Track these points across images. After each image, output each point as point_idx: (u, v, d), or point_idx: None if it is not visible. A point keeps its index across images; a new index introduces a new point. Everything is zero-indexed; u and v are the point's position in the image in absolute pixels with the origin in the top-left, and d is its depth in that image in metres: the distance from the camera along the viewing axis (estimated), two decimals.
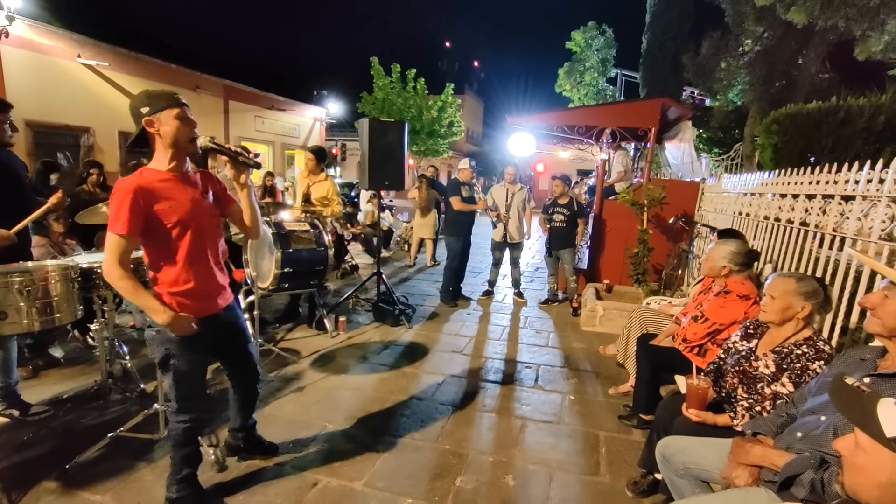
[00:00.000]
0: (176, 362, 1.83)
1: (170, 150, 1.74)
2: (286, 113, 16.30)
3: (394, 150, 4.57)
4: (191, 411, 1.93)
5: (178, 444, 1.96)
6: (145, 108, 1.68)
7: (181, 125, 1.72)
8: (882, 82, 7.24)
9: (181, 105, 1.73)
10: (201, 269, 1.86)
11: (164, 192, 1.72)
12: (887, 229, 2.11)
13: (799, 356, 1.80)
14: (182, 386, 1.88)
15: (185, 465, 1.99)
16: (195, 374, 1.92)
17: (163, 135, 1.71)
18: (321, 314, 4.35)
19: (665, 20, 14.96)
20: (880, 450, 0.79)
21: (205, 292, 1.89)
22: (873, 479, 0.81)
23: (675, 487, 1.86)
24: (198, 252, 1.83)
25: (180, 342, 1.80)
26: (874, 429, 0.80)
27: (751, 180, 3.92)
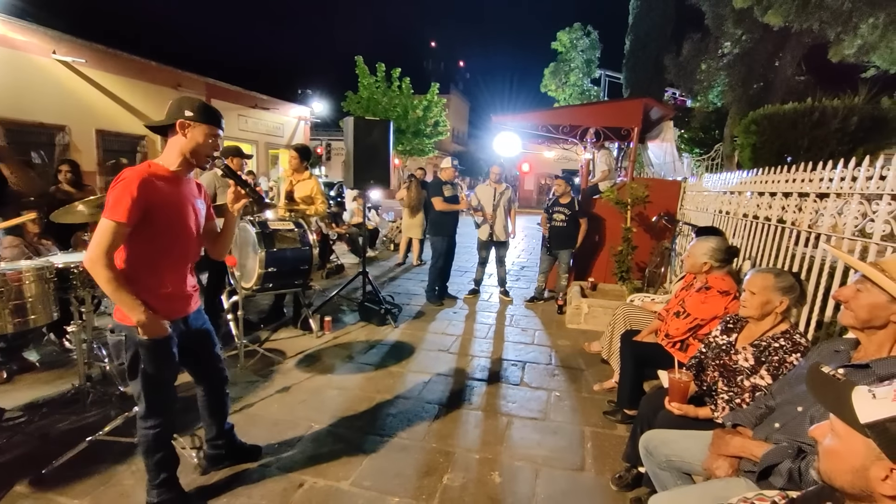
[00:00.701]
0: (145, 366, 1.79)
1: (184, 155, 1.79)
2: (270, 112, 16.12)
3: (379, 148, 4.55)
4: (160, 416, 1.89)
5: (149, 451, 1.92)
6: (191, 112, 1.75)
7: (207, 143, 1.80)
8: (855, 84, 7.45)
9: (218, 128, 1.83)
10: (178, 271, 1.87)
11: (165, 189, 1.74)
12: (860, 225, 2.17)
13: (776, 349, 1.85)
14: (151, 390, 1.84)
15: (161, 470, 1.95)
16: (164, 378, 1.88)
17: (188, 140, 1.77)
18: (306, 314, 4.31)
19: (647, 22, 15.21)
20: (854, 435, 0.82)
21: (180, 293, 1.90)
22: (847, 464, 0.83)
23: (659, 480, 1.89)
24: (183, 254, 1.86)
25: (149, 346, 1.76)
26: (848, 415, 0.82)
27: (730, 179, 4.00)
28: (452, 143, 33.87)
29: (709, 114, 13.29)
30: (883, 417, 0.78)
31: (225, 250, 2.11)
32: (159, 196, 1.70)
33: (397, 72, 17.28)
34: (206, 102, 1.83)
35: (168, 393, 1.93)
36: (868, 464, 0.79)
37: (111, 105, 10.60)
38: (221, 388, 2.24)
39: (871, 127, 5.43)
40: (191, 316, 1.97)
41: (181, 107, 1.76)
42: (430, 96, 18.09)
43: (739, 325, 2.09)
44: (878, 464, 0.78)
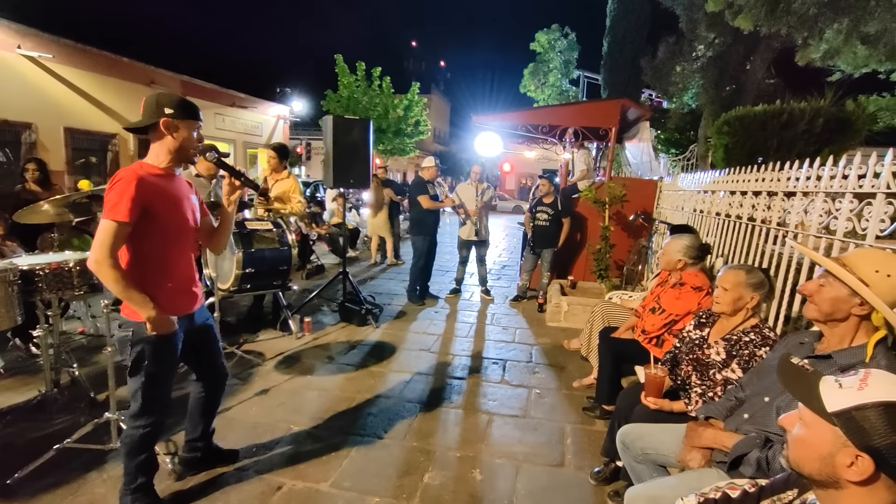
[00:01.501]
0: (148, 364, 1.79)
1: (172, 153, 1.80)
2: (248, 111, 15.82)
3: (358, 148, 4.52)
4: (153, 415, 1.87)
5: (132, 452, 1.88)
6: (170, 109, 1.73)
7: (192, 138, 1.81)
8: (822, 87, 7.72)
9: (199, 120, 1.84)
10: (184, 266, 1.90)
11: (160, 186, 1.76)
12: (824, 223, 2.26)
13: (747, 343, 1.91)
14: (150, 388, 1.83)
15: (139, 474, 1.91)
16: (165, 375, 1.89)
17: (175, 137, 1.77)
18: (286, 315, 4.25)
19: (624, 25, 15.47)
20: (822, 424, 0.84)
21: (185, 289, 1.91)
22: (815, 451, 0.86)
23: (635, 473, 1.93)
24: (183, 249, 1.88)
25: (156, 342, 1.77)
26: (816, 404, 0.85)
27: (704, 179, 4.10)
28: (434, 142, 33.85)
29: (684, 115, 13.59)
30: (849, 406, 0.81)
31: (223, 244, 2.13)
32: (156, 193, 1.72)
33: (377, 71, 17.15)
34: (181, 96, 1.82)
35: (165, 391, 1.93)
36: (835, 451, 0.82)
37: (80, 102, 10.24)
38: (221, 385, 2.24)
39: (836, 128, 5.63)
40: (196, 312, 1.98)
41: (159, 104, 1.73)
42: (410, 96, 18.01)
43: (712, 320, 2.15)
44: (844, 451, 0.80)
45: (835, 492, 0.85)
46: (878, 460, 0.78)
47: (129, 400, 1.86)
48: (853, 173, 2.06)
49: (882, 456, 0.77)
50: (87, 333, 3.91)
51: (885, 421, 0.77)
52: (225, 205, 2.02)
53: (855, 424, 0.80)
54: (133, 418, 1.85)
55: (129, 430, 1.87)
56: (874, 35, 5.31)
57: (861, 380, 0.83)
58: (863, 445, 0.79)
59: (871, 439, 0.78)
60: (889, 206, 1.85)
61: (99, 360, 3.45)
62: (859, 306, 1.36)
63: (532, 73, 19.24)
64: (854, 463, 0.80)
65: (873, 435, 0.78)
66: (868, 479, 0.79)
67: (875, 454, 0.78)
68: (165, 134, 1.76)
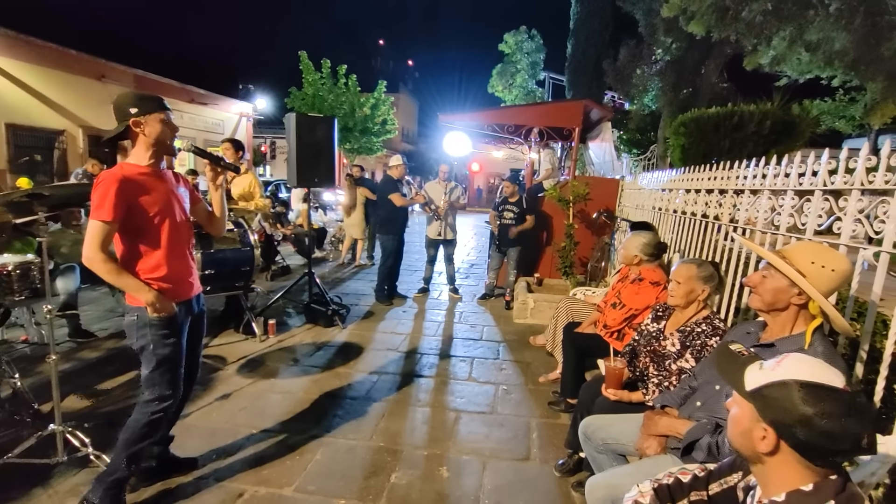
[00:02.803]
0: (155, 347, 1.86)
1: (151, 148, 1.87)
2: (208, 107, 15.31)
3: (323, 146, 4.44)
4: (165, 400, 1.91)
5: (133, 437, 1.89)
6: (134, 108, 1.80)
7: (165, 128, 1.87)
8: (770, 92, 8.15)
9: (166, 110, 1.89)
10: (178, 255, 1.96)
11: (144, 184, 1.83)
12: (769, 218, 2.38)
13: (699, 334, 1.99)
14: (161, 371, 1.89)
15: (127, 465, 1.90)
16: (174, 359, 1.93)
17: (147, 134, 1.84)
18: (249, 317, 4.13)
19: (588, 28, 15.87)
20: (744, 402, 0.93)
21: (181, 276, 1.98)
22: (739, 427, 0.94)
23: (596, 463, 1.98)
24: (175, 240, 1.93)
25: (159, 325, 1.85)
26: (739, 385, 0.93)
27: (662, 178, 4.26)
28: (402, 141, 33.67)
29: (644, 116, 14.08)
30: (761, 384, 0.89)
31: (222, 226, 2.24)
32: (140, 190, 1.80)
33: (343, 69, 16.90)
34: (139, 92, 1.94)
35: (177, 373, 1.96)
36: (751, 426, 0.90)
37: (23, 97, 9.62)
38: (191, 383, 2.20)
39: (783, 130, 5.96)
40: (193, 298, 2.05)
41: (125, 109, 1.81)
42: (377, 94, 17.86)
43: (667, 313, 2.23)
44: (757, 426, 0.89)
45: (761, 466, 0.93)
46: (780, 432, 0.86)
47: (142, 384, 1.92)
48: (794, 172, 2.19)
49: (784, 428, 0.85)
50: (30, 342, 3.68)
51: (785, 396, 0.84)
52: (212, 189, 2.13)
53: (764, 401, 0.87)
54: (145, 404, 1.91)
55: (138, 414, 1.91)
56: (815, 43, 5.66)
57: (777, 362, 0.91)
58: (768, 419, 0.87)
59: (775, 413, 0.85)
60: (825, 203, 1.97)
61: (43, 369, 3.25)
62: (798, 296, 1.44)
63: (500, 73, 19.47)
64: (765, 436, 0.87)
65: (777, 409, 0.85)
66: (774, 450, 0.87)
67: (778, 427, 0.85)
68: (138, 133, 1.83)
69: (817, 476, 0.86)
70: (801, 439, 0.83)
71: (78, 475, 2.18)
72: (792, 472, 0.88)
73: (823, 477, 0.86)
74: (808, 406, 0.82)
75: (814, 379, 0.84)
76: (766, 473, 0.92)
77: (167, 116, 1.87)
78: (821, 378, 0.84)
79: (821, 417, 0.81)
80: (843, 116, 13.58)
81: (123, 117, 1.81)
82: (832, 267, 1.40)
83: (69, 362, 3.42)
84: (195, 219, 2.17)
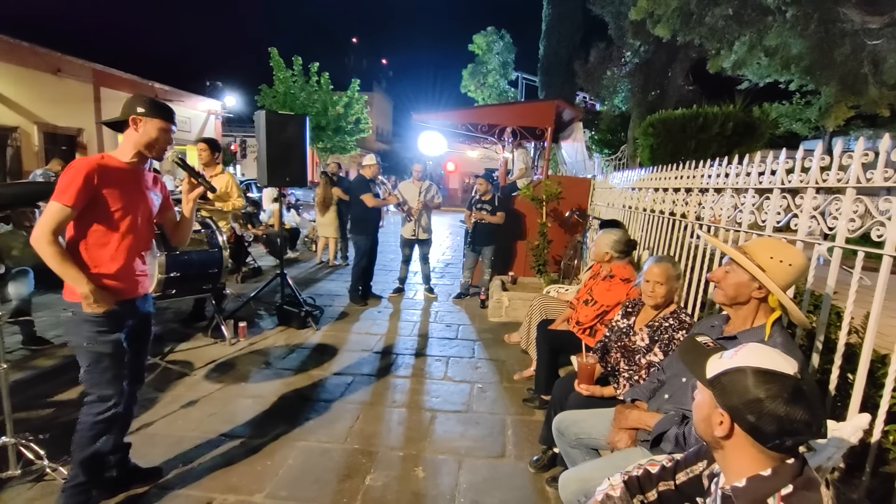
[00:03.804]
0: (89, 343, 1.82)
1: (138, 148, 1.89)
2: (174, 104, 14.75)
3: (294, 145, 4.36)
4: (106, 400, 1.87)
5: (80, 442, 1.85)
6: (141, 109, 1.86)
7: (161, 137, 1.90)
8: (733, 95, 8.46)
9: (170, 122, 1.93)
10: (132, 254, 1.93)
11: (118, 177, 1.84)
12: (732, 216, 2.47)
13: (667, 328, 2.04)
14: (99, 369, 1.85)
15: (81, 472, 1.85)
16: (112, 356, 1.87)
17: (140, 134, 1.87)
18: (218, 320, 4.01)
19: (559, 30, 16.10)
20: (705, 390, 0.97)
21: (130, 275, 1.95)
22: (701, 414, 0.98)
23: (570, 458, 2.01)
24: (132, 239, 1.91)
25: (96, 321, 1.81)
26: (702, 374, 0.97)
27: (632, 177, 4.36)
28: (376, 141, 33.43)
29: (615, 117, 14.38)
30: (718, 372, 0.93)
31: (185, 238, 2.24)
32: (111, 183, 1.80)
33: (315, 66, 16.66)
34: (156, 99, 1.95)
35: (117, 373, 1.90)
36: (710, 412, 0.94)
37: None
38: (136, 390, 2.12)
39: (744, 132, 6.19)
40: (139, 299, 2.02)
41: (133, 104, 1.87)
42: (350, 93, 17.67)
43: (637, 309, 2.28)
44: (716, 411, 0.93)
45: (722, 453, 0.97)
46: (734, 416, 0.89)
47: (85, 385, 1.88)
48: (754, 171, 2.27)
49: (736, 412, 0.89)
50: None
51: (740, 381, 0.89)
52: (184, 201, 2.12)
53: (722, 387, 0.91)
54: (88, 406, 1.88)
55: (83, 416, 1.88)
56: (773, 48, 5.91)
57: (735, 351, 0.95)
58: (725, 405, 0.90)
59: (730, 399, 0.89)
60: (783, 200, 2.05)
61: None
62: (758, 290, 1.50)
63: (471, 73, 19.58)
64: (723, 421, 0.91)
65: (731, 394, 0.89)
66: (729, 435, 0.91)
67: (732, 411, 0.89)
68: (131, 128, 1.87)
69: (775, 461, 0.90)
70: (751, 423, 0.87)
71: (33, 489, 2.07)
72: (749, 457, 0.91)
73: (781, 462, 0.90)
74: (758, 390, 0.86)
75: (767, 366, 0.88)
76: (727, 459, 0.96)
77: (168, 127, 1.92)
78: (773, 365, 0.88)
79: (769, 401, 0.85)
80: (800, 119, 14.22)
81: (128, 112, 1.86)
82: (789, 261, 1.46)
83: (23, 371, 3.25)
84: (162, 225, 2.19)
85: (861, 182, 1.68)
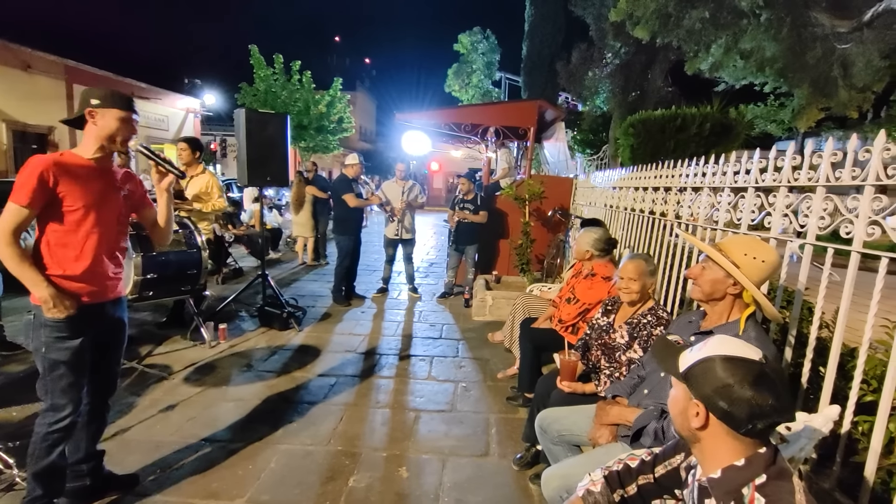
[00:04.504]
0: (48, 350, 1.75)
1: (100, 142, 1.80)
2: (151, 102, 14.50)
3: (275, 144, 4.30)
4: (59, 409, 1.77)
5: (34, 454, 1.77)
6: (96, 100, 1.77)
7: (122, 126, 1.81)
8: (710, 96, 8.64)
9: (130, 111, 1.83)
10: (100, 255, 1.84)
11: (78, 175, 1.75)
12: (709, 214, 2.52)
13: (645, 324, 2.08)
14: (54, 376, 1.77)
15: (37, 485, 1.77)
16: (70, 364, 1.78)
17: (99, 127, 1.79)
18: (197, 322, 3.93)
19: (542, 30, 16.24)
20: (679, 384, 0.99)
21: (99, 278, 1.86)
22: (678, 407, 1.00)
23: (552, 455, 2.02)
24: (100, 239, 1.83)
25: (55, 326, 1.73)
26: (675, 369, 1.00)
27: (613, 176, 4.42)
28: (360, 140, 33.20)
29: (596, 117, 14.57)
30: (689, 364, 0.96)
31: (167, 235, 2.13)
32: (70, 181, 1.72)
33: (297, 64, 16.45)
34: (113, 89, 1.85)
35: (72, 384, 1.80)
36: (686, 405, 0.97)
37: None
38: (107, 397, 2.05)
39: (721, 132, 6.33)
40: (107, 304, 1.92)
41: (87, 97, 1.79)
42: (333, 92, 17.50)
43: (616, 307, 2.31)
44: (691, 403, 0.95)
45: (698, 445, 0.99)
46: (707, 405, 0.92)
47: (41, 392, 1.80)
48: (730, 171, 2.33)
49: (709, 400, 0.91)
50: None
51: (710, 370, 0.92)
52: (158, 194, 2.02)
53: (694, 378, 0.94)
54: (44, 414, 1.79)
55: (37, 426, 1.79)
56: (748, 51, 6.06)
57: (703, 344, 0.98)
58: (698, 395, 0.93)
59: (703, 388, 0.92)
60: (757, 199, 2.10)
61: None
62: (733, 286, 1.53)
63: (456, 73, 19.60)
64: (698, 412, 0.94)
65: (703, 384, 0.92)
66: (705, 425, 0.94)
67: (706, 400, 0.92)
68: (89, 122, 1.79)
69: (748, 451, 0.93)
70: (724, 409, 0.90)
71: (2, 500, 2.00)
72: (724, 446, 0.94)
73: (754, 452, 0.92)
74: (727, 376, 0.90)
75: (732, 353, 0.92)
76: (703, 451, 0.98)
77: (129, 117, 1.83)
78: (738, 352, 0.92)
79: (738, 386, 0.88)
80: (774, 120, 14.60)
81: (83, 106, 1.78)
82: (762, 258, 1.50)
83: None
84: (143, 223, 2.11)
85: (830, 181, 1.73)
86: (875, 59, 5.74)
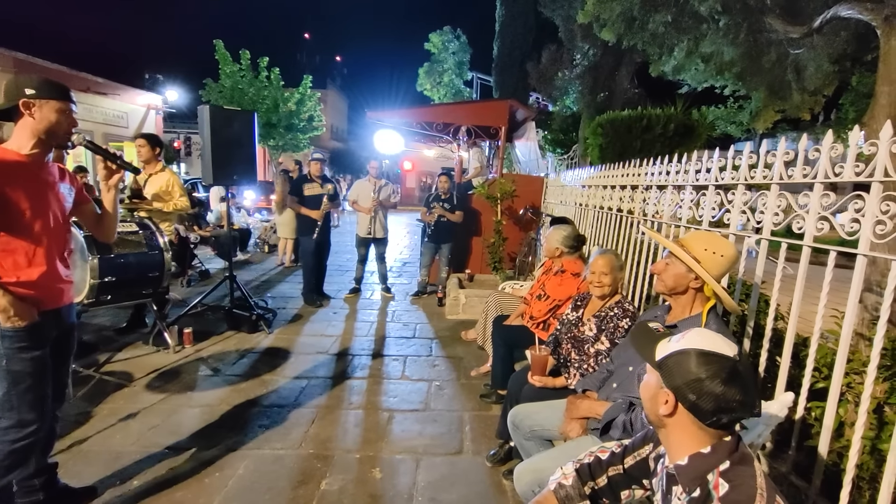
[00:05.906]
0: (9, 361, 1.62)
1: (37, 136, 1.67)
2: (109, 98, 13.85)
3: (241, 141, 4.18)
4: (27, 425, 1.65)
5: None
6: (31, 90, 1.63)
7: (61, 119, 1.69)
8: (674, 98, 8.93)
9: (69, 101, 1.71)
10: (50, 258, 1.74)
11: (17, 173, 1.63)
12: (673, 211, 2.60)
13: (612, 317, 2.13)
14: (19, 391, 1.64)
15: None
16: (34, 375, 1.67)
17: (37, 120, 1.65)
18: (160, 327, 3.78)
19: (512, 31, 16.40)
20: (653, 372, 1.02)
21: (51, 282, 1.75)
22: (648, 393, 1.04)
23: (525, 450, 2.04)
24: (47, 241, 1.73)
25: (15, 336, 1.62)
26: (651, 357, 1.02)
27: (582, 175, 4.50)
28: (331, 139, 32.71)
29: (566, 117, 14.82)
30: (665, 354, 0.99)
31: (112, 232, 2.04)
32: (11, 181, 1.60)
33: (265, 61, 16.07)
34: (47, 77, 1.70)
35: (37, 396, 1.69)
36: (657, 392, 1.00)
37: None
38: (58, 408, 1.94)
39: (684, 133, 6.56)
40: (63, 309, 1.84)
41: (19, 87, 1.63)
42: (302, 89, 17.19)
43: (585, 302, 2.36)
44: (661, 391, 0.98)
45: (665, 432, 1.02)
46: (677, 395, 0.95)
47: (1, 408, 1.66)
48: (692, 169, 2.41)
49: (679, 391, 0.94)
50: None
51: (684, 362, 0.95)
52: (105, 190, 1.92)
53: (667, 369, 0.97)
54: (3, 431, 1.65)
55: None
56: (709, 55, 6.29)
57: (682, 335, 1.00)
58: (670, 385, 0.96)
59: (675, 379, 0.95)
60: (717, 197, 2.18)
61: None
62: (695, 280, 1.59)
63: (427, 72, 19.59)
64: (668, 400, 0.97)
65: (676, 375, 0.95)
66: (672, 413, 0.97)
67: (676, 391, 0.95)
68: (25, 115, 1.64)
69: (714, 439, 0.96)
70: (692, 401, 0.93)
71: None
72: (689, 435, 0.97)
73: (719, 440, 0.96)
74: (699, 370, 0.92)
75: (709, 348, 0.94)
76: (670, 438, 1.01)
77: (68, 108, 1.70)
78: (714, 347, 0.94)
79: (709, 381, 0.91)
80: (734, 122, 15.21)
81: (15, 96, 1.62)
82: (721, 253, 1.56)
83: None
84: (81, 220, 2.01)
85: (783, 178, 1.81)
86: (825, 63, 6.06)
